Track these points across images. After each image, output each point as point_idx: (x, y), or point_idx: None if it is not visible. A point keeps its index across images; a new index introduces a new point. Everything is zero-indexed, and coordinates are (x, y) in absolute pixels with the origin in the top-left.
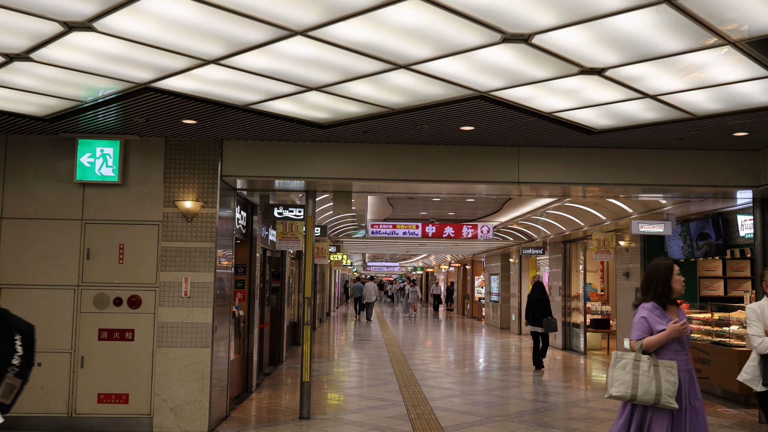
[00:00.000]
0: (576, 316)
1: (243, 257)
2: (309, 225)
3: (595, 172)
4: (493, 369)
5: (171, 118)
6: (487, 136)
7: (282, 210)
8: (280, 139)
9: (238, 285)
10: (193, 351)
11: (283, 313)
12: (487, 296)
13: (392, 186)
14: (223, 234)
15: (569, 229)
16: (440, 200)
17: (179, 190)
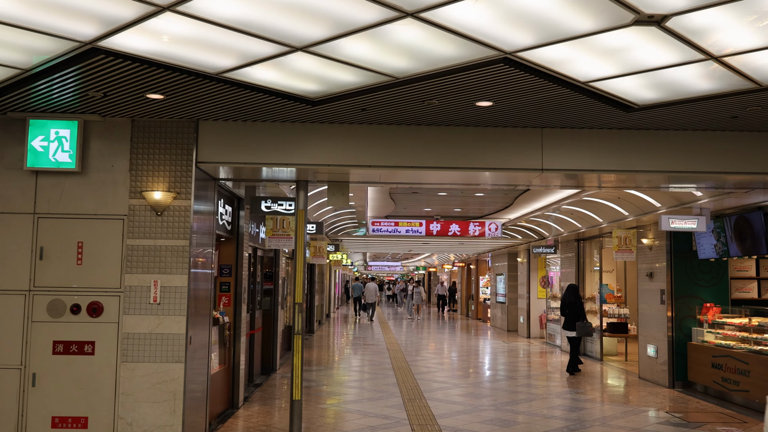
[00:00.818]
0: (590, 320)
1: (228, 257)
2: (300, 220)
3: (631, 158)
4: (504, 378)
5: (133, 91)
6: (506, 114)
7: (270, 203)
8: (264, 119)
9: (223, 288)
10: (164, 366)
11: (277, 317)
12: (493, 297)
13: (396, 174)
14: (201, 230)
15: (585, 226)
16: (446, 194)
17: (148, 179)
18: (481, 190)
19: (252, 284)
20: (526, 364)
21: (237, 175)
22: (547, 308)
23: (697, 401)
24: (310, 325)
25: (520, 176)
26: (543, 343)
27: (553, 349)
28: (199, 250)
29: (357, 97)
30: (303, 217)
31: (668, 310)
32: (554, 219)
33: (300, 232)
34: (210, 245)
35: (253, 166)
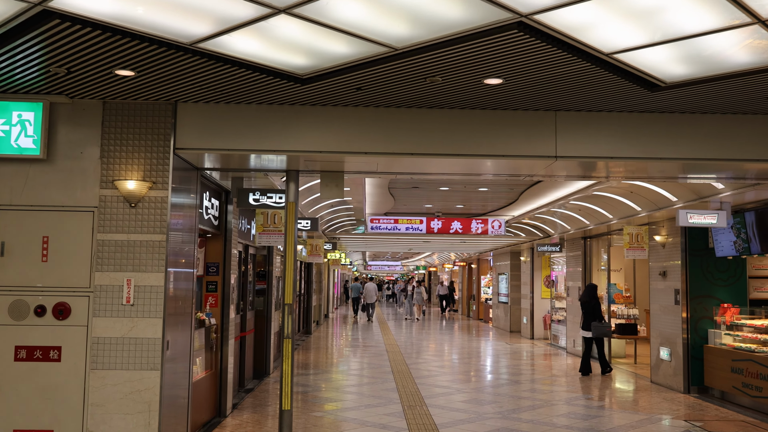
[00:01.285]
0: None
1: (215, 254)
2: (290, 213)
3: (652, 144)
4: (509, 382)
5: (99, 67)
6: (517, 94)
7: (259, 196)
8: (250, 101)
9: (210, 288)
10: (138, 375)
11: (271, 319)
12: (495, 297)
13: (395, 163)
14: (182, 224)
15: (593, 223)
16: (448, 189)
17: (120, 168)
18: (487, 183)
19: (243, 284)
20: (531, 367)
21: (222, 164)
22: (552, 308)
23: (716, 408)
24: (307, 326)
25: (532, 164)
26: (547, 344)
27: (558, 351)
28: (179, 246)
29: (351, 73)
30: (294, 210)
31: (683, 310)
32: (560, 216)
33: (290, 227)
34: (192, 241)
35: (238, 153)
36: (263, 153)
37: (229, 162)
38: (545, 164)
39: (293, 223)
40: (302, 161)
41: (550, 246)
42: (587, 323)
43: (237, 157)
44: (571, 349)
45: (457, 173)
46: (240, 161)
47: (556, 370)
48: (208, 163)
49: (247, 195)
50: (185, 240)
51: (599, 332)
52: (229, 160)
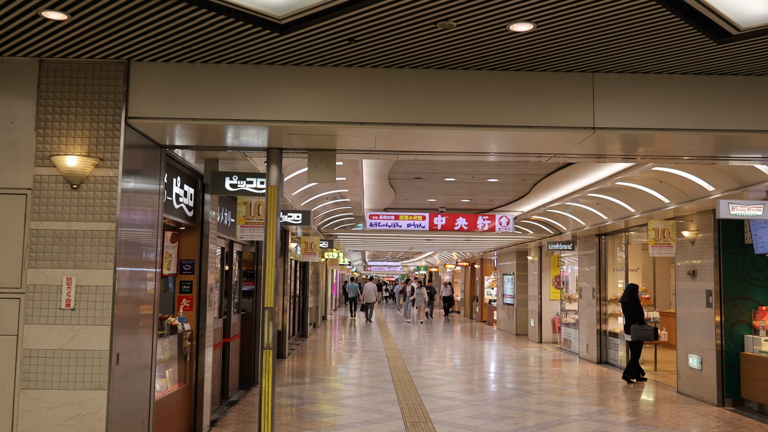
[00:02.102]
0: (613, 324)
1: (190, 250)
2: (271, 200)
3: (713, 114)
4: (522, 393)
5: (21, 5)
6: (549, 47)
7: (237, 180)
8: (219, 57)
9: (184, 288)
10: (80, 395)
11: (260, 322)
12: (500, 298)
13: (397, 137)
14: (140, 212)
15: (612, 218)
16: (454, 180)
17: (60, 141)
18: (502, 169)
19: (227, 284)
20: (543, 374)
21: (190, 140)
22: (562, 311)
23: (760, 424)
24: (303, 329)
25: (564, 138)
26: (557, 349)
27: (570, 356)
28: (136, 238)
29: (341, 15)
30: (276, 196)
31: (716, 314)
32: (575, 210)
33: (271, 216)
34: (154, 233)
35: (205, 123)
36: (236, 123)
37: (197, 137)
38: (580, 137)
39: (275, 212)
40: (285, 136)
41: (561, 244)
42: (628, 326)
43: (205, 131)
44: (584, 354)
45: (471, 153)
46: (210, 136)
47: (571, 379)
48: (175, 138)
49: (223, 179)
50: (145, 231)
51: (639, 335)
52: (197, 135)
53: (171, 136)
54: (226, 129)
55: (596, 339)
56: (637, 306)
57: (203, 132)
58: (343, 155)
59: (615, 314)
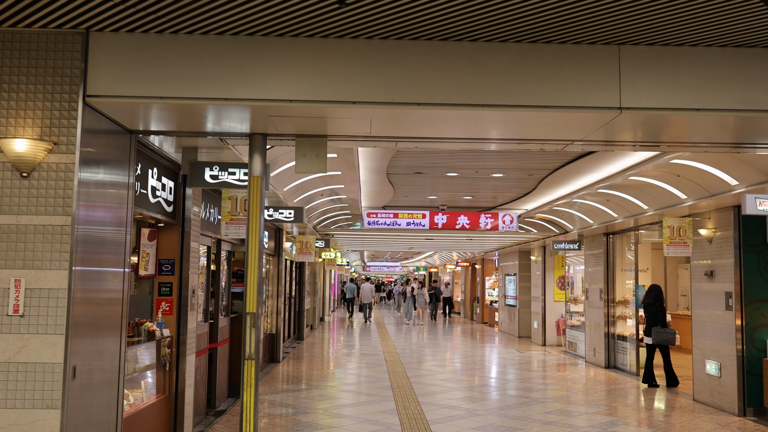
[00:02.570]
0: (622, 327)
1: (170, 249)
2: (254, 191)
3: (761, 93)
4: (530, 401)
5: None
6: (569, 14)
7: (218, 171)
8: (190, 25)
9: (163, 291)
10: (29, 415)
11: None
12: (501, 299)
13: (396, 119)
14: (104, 205)
15: (622, 216)
16: (457, 176)
17: (8, 121)
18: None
19: (214, 285)
20: (550, 380)
21: (163, 124)
22: (567, 312)
23: None
24: (299, 331)
25: (586, 120)
26: (562, 352)
27: (575, 360)
28: (100, 234)
29: None
30: (259, 187)
31: (736, 317)
32: (582, 208)
33: (254, 210)
34: (122, 229)
35: (177, 103)
36: (212, 103)
37: (171, 121)
38: (604, 119)
39: (258, 206)
40: (269, 119)
41: (567, 243)
42: (649, 328)
43: (179, 113)
44: (591, 358)
45: (478, 140)
46: (185, 119)
47: (579, 385)
48: (145, 122)
49: (202, 170)
50: (110, 227)
51: (660, 339)
52: (170, 118)
53: (141, 119)
54: (202, 111)
55: (604, 342)
56: (661, 308)
57: (177, 115)
58: (335, 142)
59: (624, 316)
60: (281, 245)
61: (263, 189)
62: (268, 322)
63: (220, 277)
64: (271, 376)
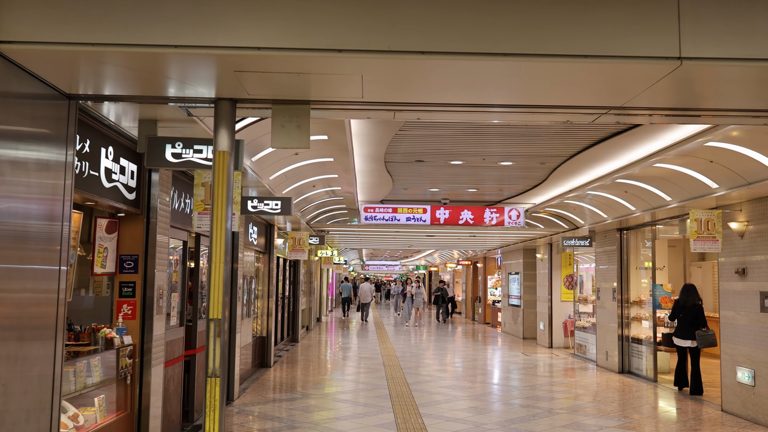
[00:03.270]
0: (637, 329)
1: (133, 243)
2: (219, 170)
3: None
4: (543, 412)
5: None
6: None
7: (182, 149)
8: None
9: (125, 292)
10: None
11: (235, 328)
12: (505, 299)
13: (394, 73)
14: (22, 187)
15: (641, 209)
16: (462, 164)
17: None
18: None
19: (192, 285)
20: (561, 387)
21: (108, 85)
22: (575, 313)
23: None
24: (293, 333)
25: (636, 74)
26: (570, 354)
27: (585, 363)
28: (19, 225)
29: None
30: (225, 165)
31: None
32: (595, 201)
33: (219, 193)
34: (57, 218)
35: (116, 51)
36: (160, 51)
37: (117, 80)
38: (660, 72)
39: (223, 188)
40: (238, 79)
41: (578, 240)
42: (689, 330)
43: (126, 71)
44: (603, 362)
45: (492, 106)
46: (136, 79)
47: (593, 392)
48: (86, 83)
49: (163, 147)
50: (37, 218)
51: (706, 342)
52: (117, 76)
53: (81, 79)
54: (155, 65)
55: (618, 345)
56: (702, 307)
57: (126, 72)
58: (320, 111)
59: (639, 318)
60: (272, 242)
61: (231, 168)
62: (258, 324)
63: (200, 275)
64: (260, 383)
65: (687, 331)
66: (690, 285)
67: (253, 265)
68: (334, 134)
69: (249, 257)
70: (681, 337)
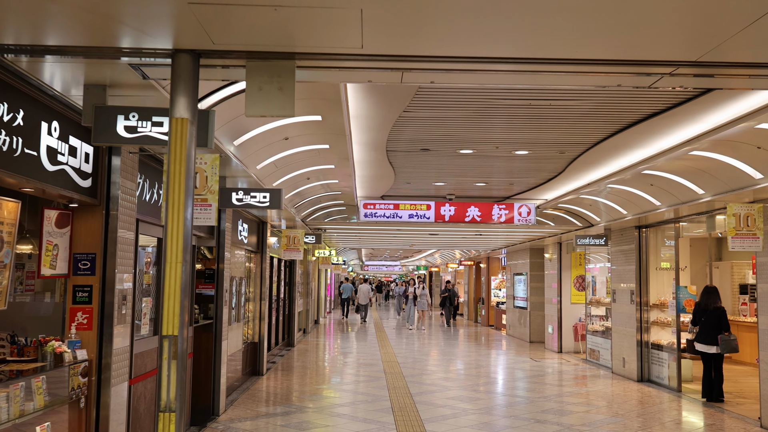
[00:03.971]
0: (657, 334)
1: (89, 239)
2: (176, 143)
3: None
4: (566, 429)
5: None
6: None
7: (137, 120)
8: None
9: (80, 297)
10: None
11: (221, 336)
12: (510, 301)
13: (402, 10)
14: None
15: (667, 204)
16: (472, 153)
17: None
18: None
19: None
20: (580, 398)
21: (36, 31)
22: (587, 316)
23: None
24: (289, 337)
25: (733, 5)
26: (582, 360)
27: (598, 370)
28: None
29: None
30: (184, 135)
31: None
32: (614, 195)
33: (177, 170)
34: None
35: None
36: None
37: (45, 26)
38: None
39: (181, 164)
40: (195, 12)
41: (592, 238)
42: (712, 335)
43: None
44: (620, 369)
45: (529, 60)
46: (68, 25)
47: (615, 405)
48: (8, 28)
49: (113, 118)
50: None
51: (729, 347)
52: (42, 20)
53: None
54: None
55: (636, 352)
56: (725, 310)
57: (60, 16)
58: (307, 71)
59: (660, 322)
60: (265, 240)
61: (192, 140)
62: (249, 328)
63: None
64: (250, 395)
65: (710, 336)
66: (711, 287)
67: (243, 265)
68: (329, 114)
69: (239, 257)
70: (704, 343)
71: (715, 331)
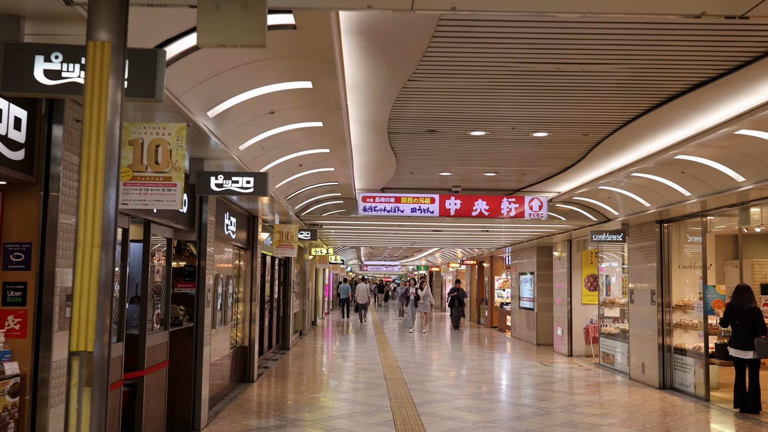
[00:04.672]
0: (680, 337)
1: (23, 225)
2: (93, 82)
3: None
4: None
5: None
6: None
7: (62, 63)
8: None
9: (11, 298)
10: None
11: (203, 341)
12: (515, 301)
13: None
14: None
15: (698, 194)
16: (484, 136)
17: None
18: (571, 101)
19: (142, 286)
20: (600, 408)
21: None
22: (600, 318)
23: None
24: (284, 339)
25: None
26: (594, 364)
27: (614, 375)
28: None
29: None
30: (106, 66)
31: None
32: (636, 186)
33: (94, 121)
34: None
35: None
36: None
37: None
38: None
39: (101, 111)
40: None
41: (609, 234)
42: (748, 339)
43: None
44: (638, 375)
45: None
46: None
47: (642, 416)
48: None
49: (30, 60)
50: None
51: (766, 352)
52: None
53: None
54: None
55: (658, 357)
56: (761, 312)
57: None
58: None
59: (684, 324)
60: (256, 236)
61: (119, 73)
62: (239, 331)
63: (152, 274)
64: (237, 405)
65: (745, 340)
66: (744, 286)
67: (231, 263)
68: (322, 81)
69: (226, 254)
70: (738, 347)
71: (751, 335)
